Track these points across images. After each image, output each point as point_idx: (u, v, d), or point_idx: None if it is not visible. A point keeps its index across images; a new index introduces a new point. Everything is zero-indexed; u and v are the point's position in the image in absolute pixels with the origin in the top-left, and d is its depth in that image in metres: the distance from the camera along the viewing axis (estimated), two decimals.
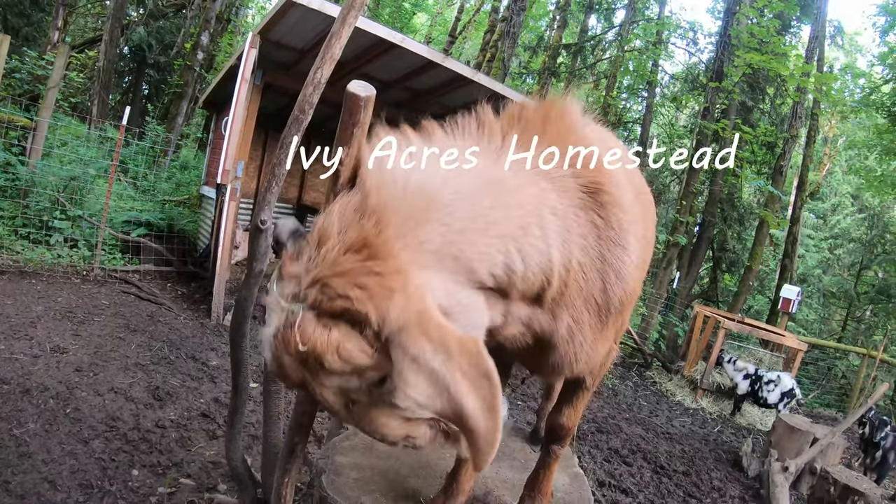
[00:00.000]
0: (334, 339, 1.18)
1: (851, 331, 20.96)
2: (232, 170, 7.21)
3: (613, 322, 1.80)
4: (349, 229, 1.27)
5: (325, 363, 1.19)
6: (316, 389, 1.26)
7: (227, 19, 19.19)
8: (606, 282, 1.71)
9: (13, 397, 4.23)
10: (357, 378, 1.24)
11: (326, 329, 1.19)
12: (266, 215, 2.12)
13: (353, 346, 1.19)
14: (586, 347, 1.76)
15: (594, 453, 5.91)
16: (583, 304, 1.70)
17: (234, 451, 2.78)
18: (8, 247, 7.79)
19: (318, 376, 1.23)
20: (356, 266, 1.21)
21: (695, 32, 19.21)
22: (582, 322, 1.71)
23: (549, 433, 2.16)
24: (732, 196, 16.28)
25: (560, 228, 1.56)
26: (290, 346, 1.20)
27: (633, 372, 10.78)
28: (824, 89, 14.68)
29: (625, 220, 1.73)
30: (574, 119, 1.72)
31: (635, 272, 1.78)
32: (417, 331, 1.18)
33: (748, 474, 6.39)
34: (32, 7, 16.91)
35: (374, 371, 1.22)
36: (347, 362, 1.19)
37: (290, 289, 1.27)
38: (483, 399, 1.19)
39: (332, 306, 1.20)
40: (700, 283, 19.03)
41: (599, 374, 2.03)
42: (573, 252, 1.60)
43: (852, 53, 27.85)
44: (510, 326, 1.59)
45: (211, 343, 6.42)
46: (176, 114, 16.38)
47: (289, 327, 1.21)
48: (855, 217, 24.66)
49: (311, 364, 1.21)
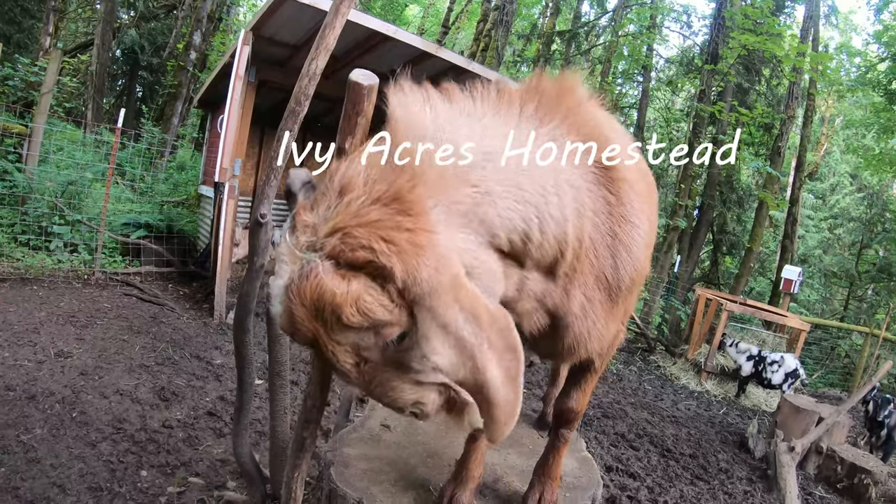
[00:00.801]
0: (354, 292, 1.12)
1: (854, 310, 20.96)
2: (229, 168, 7.20)
3: (623, 301, 1.79)
4: (378, 181, 1.21)
5: (343, 316, 1.13)
6: (327, 346, 1.20)
7: (219, 18, 19.10)
8: (617, 258, 1.70)
9: (19, 403, 4.23)
10: (373, 335, 1.19)
11: (346, 280, 1.13)
12: (265, 209, 2.11)
13: (374, 301, 1.14)
14: (598, 326, 1.74)
15: (601, 438, 5.92)
16: (594, 282, 1.69)
17: (241, 447, 2.78)
18: (8, 254, 7.78)
19: (333, 331, 1.18)
20: (384, 218, 1.15)
21: (689, 15, 19.20)
22: (594, 300, 1.70)
23: (558, 417, 2.15)
24: (731, 178, 16.27)
25: (575, 201, 1.54)
26: (306, 297, 1.14)
27: (637, 357, 10.79)
28: (820, 69, 14.66)
29: (635, 198, 1.72)
30: (585, 95, 1.70)
31: (645, 250, 1.78)
32: (450, 296, 1.16)
33: (755, 455, 6.40)
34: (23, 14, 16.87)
35: (392, 328, 1.18)
36: (366, 316, 1.14)
37: (305, 238, 1.20)
38: (507, 371, 1.20)
39: (354, 257, 1.13)
40: (701, 267, 19.02)
41: (607, 357, 2.01)
42: (586, 226, 1.58)
43: (847, 32, 27.76)
44: (524, 300, 1.57)
45: (214, 342, 6.43)
46: (171, 114, 16.34)
47: (304, 277, 1.15)
48: (854, 196, 24.62)
49: (326, 317, 1.15)
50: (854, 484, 5.79)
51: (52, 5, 15.29)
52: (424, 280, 1.13)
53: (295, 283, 1.16)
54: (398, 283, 1.13)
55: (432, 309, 1.15)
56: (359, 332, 1.18)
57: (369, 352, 1.22)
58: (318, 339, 1.19)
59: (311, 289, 1.13)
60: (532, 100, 1.59)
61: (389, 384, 1.26)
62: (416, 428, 2.60)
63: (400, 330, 1.19)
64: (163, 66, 18.90)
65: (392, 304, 1.15)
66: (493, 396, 1.19)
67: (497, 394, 1.19)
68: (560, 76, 1.69)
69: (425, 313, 1.15)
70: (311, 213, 1.24)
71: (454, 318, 1.16)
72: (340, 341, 1.19)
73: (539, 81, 1.65)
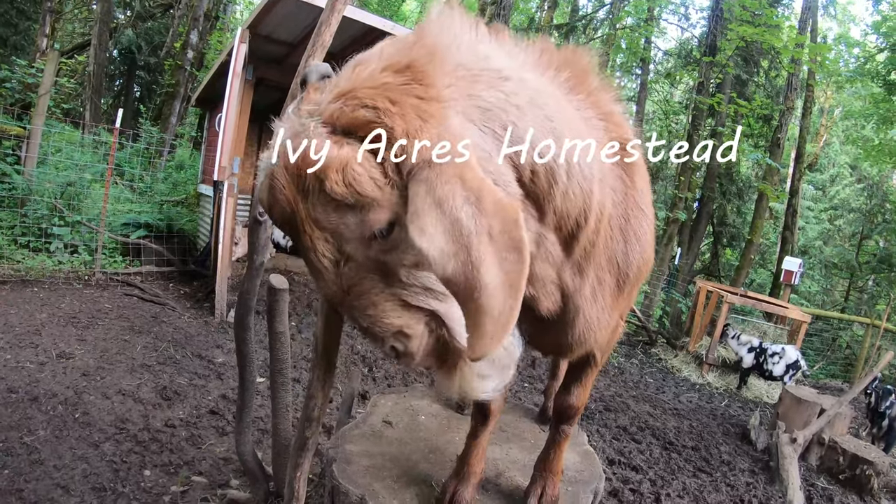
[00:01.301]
0: (344, 156, 1.02)
1: (854, 301, 20.97)
2: (228, 166, 7.19)
3: (628, 292, 1.78)
4: (395, 53, 1.13)
5: (326, 183, 1.02)
6: (305, 227, 1.09)
7: (215, 17, 19.06)
8: (628, 243, 1.68)
9: (22, 405, 4.23)
10: (358, 218, 1.07)
11: (337, 144, 1.03)
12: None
13: (363, 170, 1.03)
14: (605, 314, 1.72)
15: (603, 432, 5.93)
16: (606, 264, 1.66)
17: (243, 445, 2.79)
18: (8, 256, 7.78)
19: (314, 206, 1.06)
20: (393, 81, 1.06)
21: (686, 7, 19.19)
22: (604, 283, 1.67)
23: (559, 413, 2.15)
24: (731, 170, 16.26)
25: (601, 166, 1.48)
26: (290, 159, 1.05)
27: (639, 350, 10.80)
28: (819, 60, 14.61)
29: (645, 186, 1.73)
30: (601, 78, 1.69)
31: (651, 239, 1.78)
32: (451, 171, 1.02)
33: (757, 447, 6.41)
34: (19, 16, 16.84)
35: (379, 211, 1.06)
36: (351, 187, 1.02)
37: (307, 107, 1.12)
38: (506, 274, 1.04)
39: (354, 116, 1.04)
40: (701, 259, 19.04)
41: (607, 351, 2.01)
42: (606, 199, 1.53)
43: (845, 23, 27.67)
44: (541, 262, 1.45)
45: (216, 340, 6.43)
46: (169, 114, 16.33)
47: (292, 138, 1.07)
48: (854, 187, 24.57)
49: (308, 185, 1.05)
50: (856, 475, 5.79)
51: (49, 6, 15.28)
52: (426, 148, 1.02)
53: (282, 142, 1.09)
54: (396, 149, 1.03)
55: (429, 180, 1.02)
56: (341, 211, 1.07)
57: (351, 245, 1.11)
58: (297, 215, 1.09)
59: (296, 150, 1.05)
60: (566, 69, 1.55)
61: (370, 297, 1.14)
62: (417, 424, 2.60)
63: (388, 217, 1.07)
64: (160, 66, 18.88)
65: (384, 181, 1.05)
66: (485, 302, 1.01)
67: (490, 300, 1.02)
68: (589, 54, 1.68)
69: (420, 185, 1.02)
70: (321, 92, 1.15)
71: (452, 195, 1.01)
72: (319, 221, 1.08)
73: (574, 54, 1.62)
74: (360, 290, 1.15)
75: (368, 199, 1.04)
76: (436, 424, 2.63)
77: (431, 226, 1.01)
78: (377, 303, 1.15)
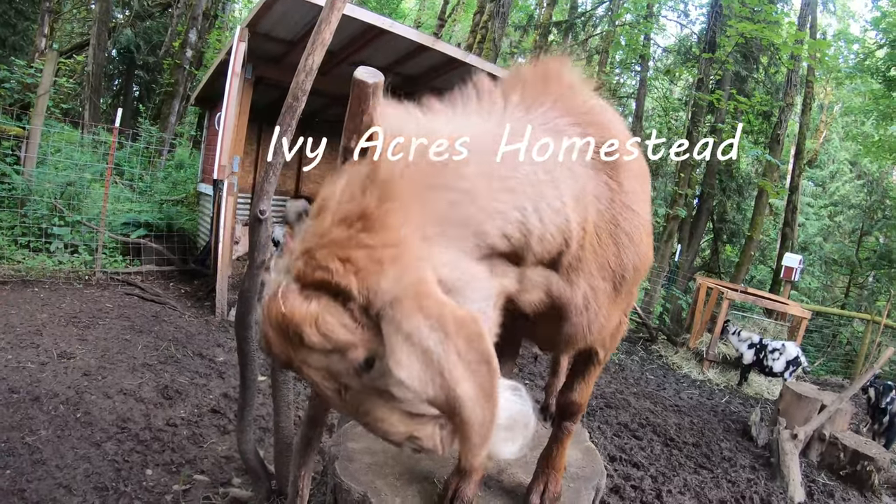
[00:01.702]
0: (312, 311, 1.11)
1: (854, 297, 20.99)
2: (228, 165, 7.19)
3: (627, 291, 1.76)
4: (349, 200, 1.20)
5: (304, 336, 1.11)
6: (302, 368, 1.19)
7: (214, 15, 19.04)
8: (620, 246, 1.67)
9: (23, 405, 4.24)
10: (341, 358, 1.16)
11: (307, 301, 1.12)
12: (265, 205, 2.12)
13: (334, 320, 1.11)
14: (600, 317, 1.71)
15: (604, 429, 5.93)
16: (598, 270, 1.65)
17: (245, 444, 2.79)
18: (9, 257, 7.78)
19: (300, 352, 1.15)
20: (343, 237, 1.14)
21: (686, 4, 19.16)
22: (597, 289, 1.66)
23: (562, 410, 2.14)
24: (731, 167, 16.25)
25: (574, 187, 1.50)
26: (272, 317, 1.15)
27: (639, 346, 10.81)
28: (818, 56, 14.61)
29: (636, 184, 1.70)
30: (574, 77, 1.69)
31: (646, 238, 1.76)
32: (413, 305, 1.10)
33: (758, 443, 6.42)
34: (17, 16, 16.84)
35: (358, 350, 1.14)
36: (327, 337, 1.12)
37: (284, 262, 1.22)
38: (479, 386, 1.11)
39: (314, 277, 1.13)
40: (702, 255, 19.04)
41: (610, 348, 1.99)
42: (589, 212, 1.55)
43: (845, 19, 27.63)
44: (529, 292, 1.52)
45: (217, 339, 6.44)
46: (168, 113, 16.32)
47: (272, 298, 1.17)
48: (854, 183, 24.59)
49: (291, 338, 1.14)
50: (857, 471, 5.80)
51: (47, 6, 15.27)
52: (385, 291, 1.10)
53: (265, 304, 1.19)
54: (358, 300, 1.12)
55: (394, 320, 1.10)
56: (325, 354, 1.16)
57: (346, 378, 1.20)
58: (291, 360, 1.19)
59: (275, 309, 1.15)
60: (515, 90, 1.58)
61: (377, 414, 1.22)
62: None
63: (365, 353, 1.16)
64: (159, 65, 18.88)
65: (355, 325, 1.13)
66: (465, 415, 1.09)
67: (471, 413, 1.10)
68: (544, 61, 1.68)
69: (389, 325, 1.10)
70: (297, 239, 1.25)
71: (417, 326, 1.09)
72: (311, 364, 1.18)
73: (518, 71, 1.65)
74: (365, 410, 1.22)
75: (343, 344, 1.13)
76: None
77: (406, 358, 1.09)
78: (383, 417, 1.22)
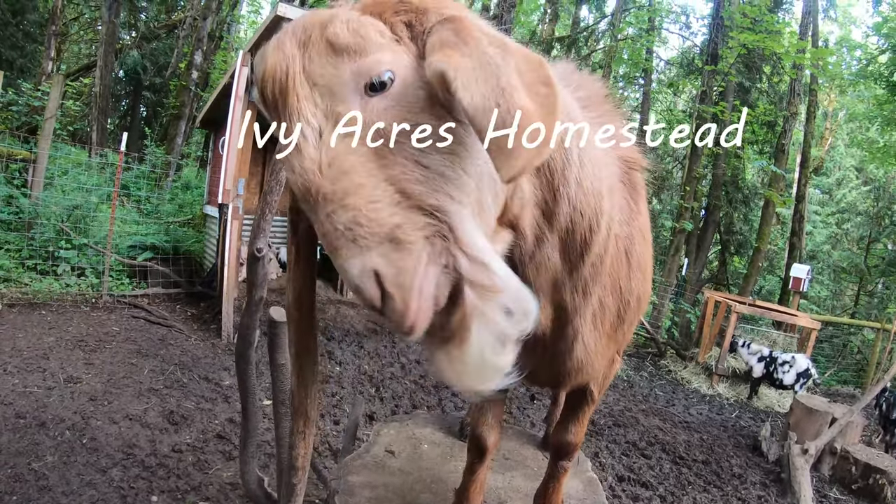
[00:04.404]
0: (352, 13, 1.02)
1: (864, 305, 20.78)
2: (233, 188, 7.23)
3: (628, 322, 1.73)
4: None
5: (329, 28, 0.99)
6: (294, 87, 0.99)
7: (220, 36, 19.24)
8: (631, 269, 1.63)
9: (30, 431, 4.25)
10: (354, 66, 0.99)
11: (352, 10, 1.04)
12: (262, 244, 2.12)
13: (369, 23, 1.01)
14: (603, 343, 1.65)
15: (612, 448, 5.89)
16: (611, 287, 1.59)
17: (248, 474, 2.79)
18: (16, 279, 7.83)
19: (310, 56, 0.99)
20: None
21: (687, 16, 19.20)
22: (606, 308, 1.61)
23: (556, 450, 2.14)
24: (736, 178, 16.19)
25: (609, 182, 1.42)
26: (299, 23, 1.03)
27: (648, 362, 10.75)
28: (821, 64, 14.59)
29: (647, 213, 1.70)
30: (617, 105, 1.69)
31: (650, 272, 1.74)
32: (471, 22, 0.99)
33: (768, 459, 6.36)
34: (25, 38, 17.04)
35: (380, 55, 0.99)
36: (354, 33, 0.99)
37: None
38: (540, 102, 0.93)
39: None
40: (709, 268, 18.93)
41: (604, 386, 1.98)
42: (614, 214, 1.48)
43: (846, 25, 27.63)
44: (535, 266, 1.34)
45: (223, 363, 6.44)
46: (175, 134, 16.42)
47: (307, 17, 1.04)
48: (860, 190, 24.44)
49: (310, 35, 1.00)
50: (869, 484, 5.73)
51: (54, 30, 15.46)
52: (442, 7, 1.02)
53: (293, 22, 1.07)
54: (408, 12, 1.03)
55: (453, 24, 0.97)
56: (339, 58, 0.99)
57: (343, 106, 0.98)
58: (288, 75, 0.99)
59: (317, 13, 1.03)
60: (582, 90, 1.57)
61: (355, 178, 0.92)
62: (420, 453, 2.59)
63: (387, 65, 0.99)
64: (165, 86, 19.03)
65: (390, 36, 1.02)
66: (522, 122, 0.88)
67: (526, 119, 0.88)
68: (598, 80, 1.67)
69: (444, 27, 0.97)
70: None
71: (478, 34, 0.95)
72: (313, 74, 0.99)
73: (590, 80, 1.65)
74: (342, 166, 0.93)
75: (372, 45, 0.99)
76: (438, 453, 2.62)
77: (458, 54, 0.92)
78: (363, 186, 0.91)
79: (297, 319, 1.53)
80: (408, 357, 7.39)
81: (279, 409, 2.39)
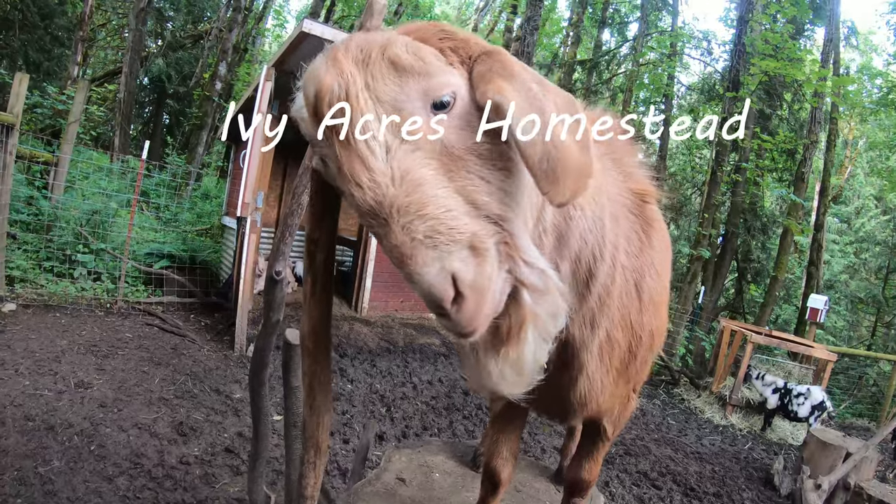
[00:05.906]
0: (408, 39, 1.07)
1: (881, 336, 20.49)
2: (252, 202, 7.26)
3: (641, 359, 1.69)
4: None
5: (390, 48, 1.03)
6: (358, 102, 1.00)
7: (244, 49, 19.47)
8: (643, 303, 1.60)
9: (38, 434, 4.26)
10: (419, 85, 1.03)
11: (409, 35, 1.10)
12: (280, 266, 2.12)
13: (427, 48, 1.06)
14: (611, 377, 1.62)
15: (623, 477, 5.81)
16: (619, 320, 1.57)
17: (256, 494, 2.76)
18: (32, 280, 7.90)
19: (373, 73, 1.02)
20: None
21: (709, 42, 19.15)
22: (614, 343, 1.58)
23: (570, 486, 2.10)
24: (755, 205, 16.08)
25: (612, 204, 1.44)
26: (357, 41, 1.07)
27: (661, 390, 10.62)
28: (842, 92, 14.50)
29: (663, 247, 1.66)
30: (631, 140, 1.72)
31: (664, 308, 1.71)
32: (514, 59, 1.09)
33: (780, 493, 6.24)
34: (53, 42, 17.26)
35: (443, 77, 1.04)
36: (415, 54, 1.03)
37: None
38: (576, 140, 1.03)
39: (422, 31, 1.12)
40: (726, 295, 18.76)
41: (619, 425, 1.94)
42: (620, 245, 1.47)
43: (868, 53, 27.54)
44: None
45: (234, 375, 6.43)
46: (196, 144, 16.59)
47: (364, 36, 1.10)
48: (879, 219, 24.20)
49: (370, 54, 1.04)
50: None
51: (81, 35, 15.66)
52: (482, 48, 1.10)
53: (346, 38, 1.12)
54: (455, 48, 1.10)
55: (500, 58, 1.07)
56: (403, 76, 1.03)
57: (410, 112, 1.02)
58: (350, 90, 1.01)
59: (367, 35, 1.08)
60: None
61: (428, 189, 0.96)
62: (431, 482, 2.56)
63: (451, 87, 1.04)
64: (189, 95, 19.27)
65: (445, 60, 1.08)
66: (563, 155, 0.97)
67: (566, 152, 0.98)
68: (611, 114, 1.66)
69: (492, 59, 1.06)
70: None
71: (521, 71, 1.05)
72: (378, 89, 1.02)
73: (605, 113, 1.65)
74: (415, 179, 0.96)
75: (433, 69, 1.04)
76: (450, 483, 2.58)
77: (507, 85, 1.01)
78: (438, 197, 0.96)
79: (311, 351, 1.51)
80: (420, 377, 7.35)
81: (290, 430, 2.37)
